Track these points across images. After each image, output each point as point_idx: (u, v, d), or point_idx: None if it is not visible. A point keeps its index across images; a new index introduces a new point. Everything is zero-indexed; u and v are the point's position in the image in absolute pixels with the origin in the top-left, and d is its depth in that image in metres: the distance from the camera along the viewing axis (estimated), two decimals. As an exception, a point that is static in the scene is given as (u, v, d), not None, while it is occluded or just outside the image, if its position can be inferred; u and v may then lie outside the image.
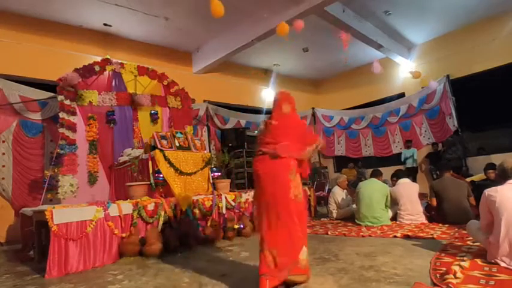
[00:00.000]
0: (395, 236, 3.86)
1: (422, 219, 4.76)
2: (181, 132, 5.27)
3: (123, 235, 3.61)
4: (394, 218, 5.02)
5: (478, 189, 4.50)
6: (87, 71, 5.86)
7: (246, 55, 8.83)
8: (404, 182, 5.09)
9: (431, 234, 3.76)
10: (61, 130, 5.42)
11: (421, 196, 5.15)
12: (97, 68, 5.98)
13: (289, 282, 2.27)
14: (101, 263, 3.38)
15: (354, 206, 5.50)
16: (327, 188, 8.91)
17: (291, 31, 5.49)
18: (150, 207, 3.93)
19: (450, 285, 2.03)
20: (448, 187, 4.59)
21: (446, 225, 4.33)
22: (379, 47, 8.38)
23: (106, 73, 6.20)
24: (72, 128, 5.55)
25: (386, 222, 4.81)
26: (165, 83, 6.91)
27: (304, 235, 2.38)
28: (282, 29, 5.20)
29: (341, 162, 11.00)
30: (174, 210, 4.12)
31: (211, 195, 4.67)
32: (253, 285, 2.41)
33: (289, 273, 2.25)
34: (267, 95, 10.40)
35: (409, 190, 4.92)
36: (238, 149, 7.70)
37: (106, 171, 5.95)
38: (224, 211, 4.61)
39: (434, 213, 4.81)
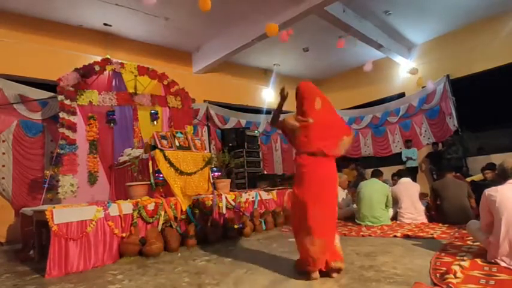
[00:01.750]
0: (395, 236, 3.86)
1: (423, 218, 4.76)
2: (181, 132, 5.26)
3: (123, 235, 3.61)
4: (394, 217, 5.03)
5: (477, 189, 4.50)
6: (87, 71, 5.85)
7: (246, 55, 8.83)
8: (405, 181, 5.10)
9: (431, 234, 3.76)
10: (61, 130, 5.42)
11: (422, 196, 5.15)
12: (97, 68, 5.97)
13: (331, 269, 2.44)
14: (101, 263, 3.38)
15: (354, 205, 5.51)
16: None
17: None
18: (150, 207, 3.94)
19: (450, 285, 2.03)
20: (449, 187, 4.60)
21: (446, 225, 4.34)
22: (379, 46, 8.38)
23: (106, 73, 6.19)
24: (72, 127, 5.55)
25: (387, 222, 4.81)
26: (165, 82, 6.90)
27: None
28: (271, 29, 5.28)
29: (340, 162, 10.98)
30: (174, 210, 4.13)
31: (211, 195, 4.67)
32: (252, 284, 2.41)
33: (330, 259, 2.44)
34: (267, 95, 10.40)
35: (409, 190, 4.93)
36: (239, 149, 7.70)
37: (106, 171, 5.94)
38: (224, 211, 4.61)
39: (435, 213, 4.82)
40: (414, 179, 7.52)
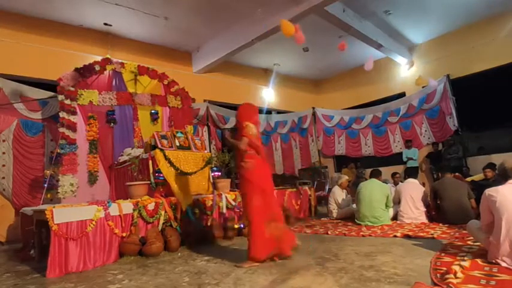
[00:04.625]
0: (395, 236, 3.86)
1: (423, 218, 4.76)
2: (181, 132, 5.27)
3: (124, 235, 3.61)
4: (395, 217, 5.03)
5: (478, 189, 4.50)
6: (87, 71, 5.85)
7: (246, 55, 8.83)
8: (411, 181, 5.12)
9: (432, 234, 3.76)
10: (61, 130, 5.42)
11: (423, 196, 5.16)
12: (97, 68, 5.96)
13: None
14: (101, 263, 3.38)
15: (354, 205, 5.51)
16: (327, 188, 8.92)
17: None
18: (151, 206, 3.94)
19: (450, 285, 2.03)
20: (449, 187, 4.60)
21: (447, 225, 4.34)
22: (379, 46, 8.38)
23: (106, 73, 6.19)
24: (73, 127, 5.55)
25: (387, 222, 4.81)
26: (165, 82, 6.90)
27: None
28: (286, 29, 4.82)
29: (341, 162, 11.00)
30: (174, 209, 4.13)
31: (211, 195, 4.67)
32: (252, 284, 2.41)
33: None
34: (267, 95, 10.41)
35: (412, 190, 4.93)
36: (239, 149, 7.68)
37: (106, 171, 5.95)
38: (224, 210, 4.61)
39: (435, 213, 4.82)
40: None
